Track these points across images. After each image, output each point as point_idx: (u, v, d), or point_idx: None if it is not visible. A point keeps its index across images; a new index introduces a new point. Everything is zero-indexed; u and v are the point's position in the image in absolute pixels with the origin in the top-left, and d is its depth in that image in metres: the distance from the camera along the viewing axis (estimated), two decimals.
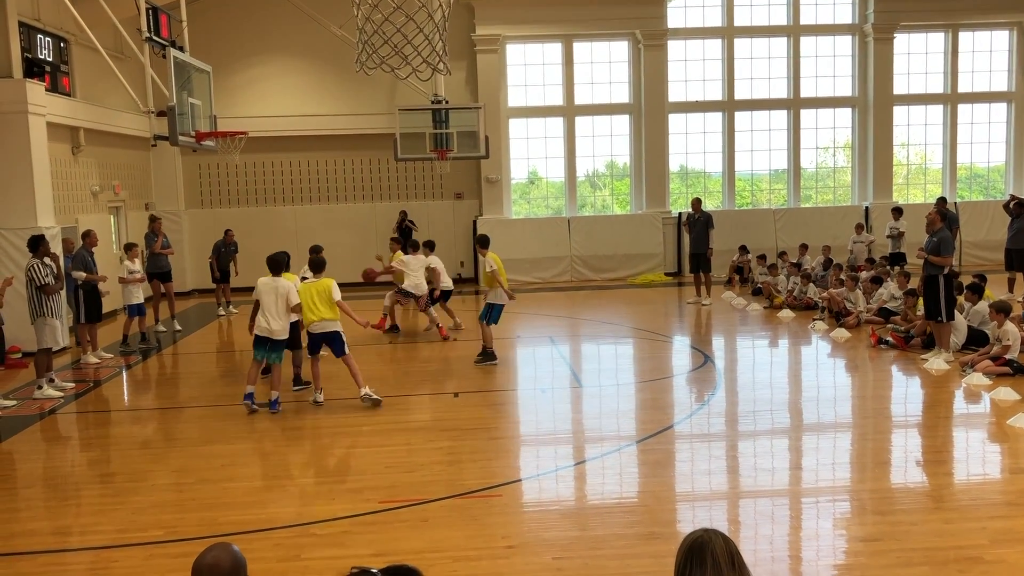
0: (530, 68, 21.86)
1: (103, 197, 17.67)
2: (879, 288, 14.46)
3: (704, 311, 16.32)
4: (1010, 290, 15.76)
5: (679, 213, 21.14)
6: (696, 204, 17.43)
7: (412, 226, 20.58)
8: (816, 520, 6.49)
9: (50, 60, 15.59)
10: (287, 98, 20.96)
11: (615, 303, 17.92)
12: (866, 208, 22.06)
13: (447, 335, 14.01)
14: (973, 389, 9.96)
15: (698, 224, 17.02)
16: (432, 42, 10.53)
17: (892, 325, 13.22)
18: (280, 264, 9.92)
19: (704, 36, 21.98)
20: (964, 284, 12.90)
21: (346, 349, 10.00)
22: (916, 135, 22.93)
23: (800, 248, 18.47)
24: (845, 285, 14.76)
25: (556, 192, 22.64)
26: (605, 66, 21.97)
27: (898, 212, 18.93)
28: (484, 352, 12.10)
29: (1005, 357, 10.47)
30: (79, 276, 12.64)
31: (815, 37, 22.16)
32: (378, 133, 20.40)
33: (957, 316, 11.71)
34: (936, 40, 22.33)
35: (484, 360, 12.04)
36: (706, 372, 11.37)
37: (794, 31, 22.05)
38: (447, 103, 19.40)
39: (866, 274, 15.53)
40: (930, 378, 10.67)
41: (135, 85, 15.45)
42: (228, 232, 17.67)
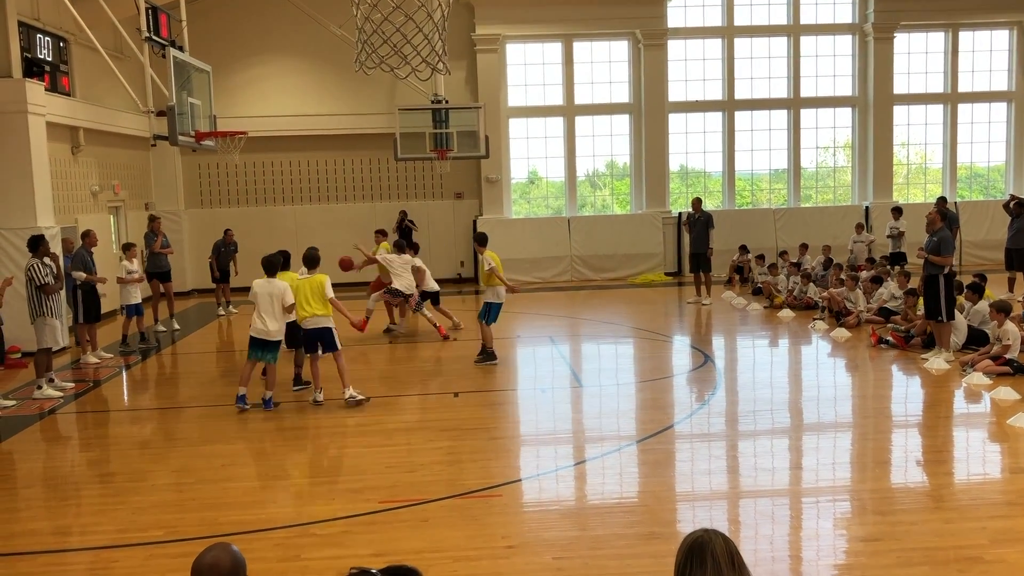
0: (530, 68, 21.85)
1: (103, 197, 17.66)
2: (879, 288, 14.46)
3: (704, 311, 16.31)
4: (1010, 290, 15.75)
5: (679, 213, 21.14)
6: (696, 204, 17.42)
7: (412, 226, 20.57)
8: (816, 520, 6.49)
9: (50, 60, 15.59)
10: (287, 98, 20.96)
11: (615, 303, 17.91)
12: (866, 208, 22.06)
13: (447, 335, 13.99)
14: (973, 389, 9.96)
15: (698, 224, 17.02)
16: (431, 41, 10.53)
17: (892, 325, 13.22)
18: (275, 265, 9.93)
19: (704, 36, 21.98)
20: (964, 284, 12.91)
21: (337, 346, 10.03)
22: (916, 135, 22.93)
23: (800, 248, 18.47)
24: (845, 285, 14.76)
25: (556, 192, 22.64)
26: (605, 66, 21.96)
27: (898, 212, 18.93)
28: (484, 352, 12.10)
29: (1005, 357, 10.47)
30: (78, 276, 12.63)
31: (815, 37, 22.16)
32: (378, 133, 20.40)
33: (957, 316, 11.71)
34: (936, 39, 22.33)
35: (484, 360, 12.03)
36: (706, 372, 11.37)
37: (794, 30, 22.05)
38: (447, 103, 19.39)
39: (866, 274, 15.53)
40: (930, 378, 10.66)
41: (135, 85, 15.44)
42: (228, 232, 17.66)
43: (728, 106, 22.20)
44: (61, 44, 16.14)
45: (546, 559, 5.78)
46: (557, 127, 22.04)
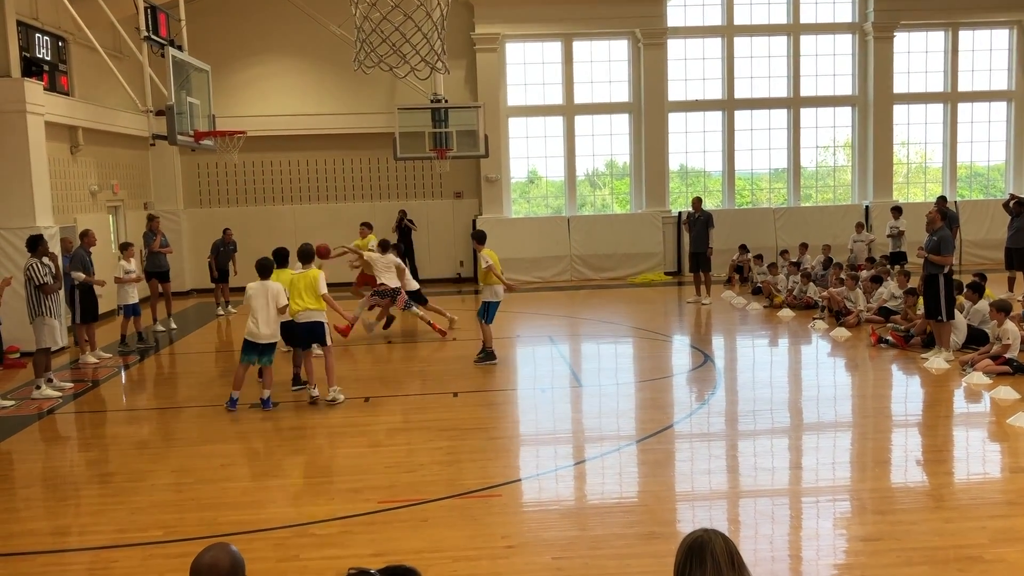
0: (530, 67, 21.84)
1: (101, 196, 17.65)
2: (879, 287, 14.45)
3: (704, 310, 16.30)
4: (1010, 289, 15.75)
5: (679, 212, 21.14)
6: (696, 203, 17.40)
7: (411, 225, 20.56)
8: (816, 520, 6.48)
9: (48, 59, 15.58)
10: (286, 97, 20.95)
11: (615, 302, 17.90)
12: (866, 207, 22.05)
13: (445, 332, 13.94)
14: (973, 388, 9.95)
15: (698, 223, 17.01)
16: (430, 41, 10.50)
17: (892, 324, 13.21)
18: (268, 268, 9.96)
19: (704, 35, 21.96)
20: (964, 283, 12.90)
21: (328, 341, 10.05)
22: (916, 134, 22.92)
23: (800, 247, 18.46)
24: (845, 284, 14.75)
25: (556, 191, 22.62)
26: (605, 65, 21.95)
27: (898, 211, 18.92)
28: (484, 351, 12.08)
29: (1005, 356, 10.46)
30: (77, 277, 12.62)
31: (815, 36, 22.14)
32: (377, 132, 20.39)
33: (957, 315, 11.70)
34: (936, 39, 22.32)
35: (484, 359, 12.02)
36: (706, 371, 11.36)
37: (794, 30, 22.03)
38: (446, 102, 19.36)
39: (866, 273, 15.52)
40: (930, 377, 10.65)
41: (133, 84, 15.41)
42: (227, 231, 17.65)
43: (728, 105, 22.19)
44: (60, 44, 16.13)
45: (546, 559, 5.77)
46: (557, 126, 22.03)
